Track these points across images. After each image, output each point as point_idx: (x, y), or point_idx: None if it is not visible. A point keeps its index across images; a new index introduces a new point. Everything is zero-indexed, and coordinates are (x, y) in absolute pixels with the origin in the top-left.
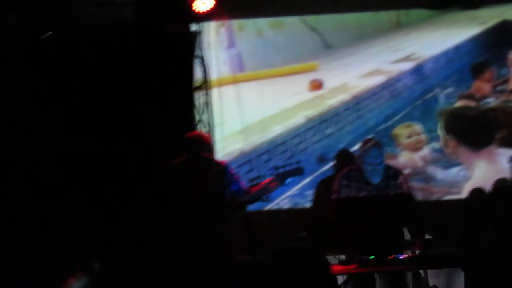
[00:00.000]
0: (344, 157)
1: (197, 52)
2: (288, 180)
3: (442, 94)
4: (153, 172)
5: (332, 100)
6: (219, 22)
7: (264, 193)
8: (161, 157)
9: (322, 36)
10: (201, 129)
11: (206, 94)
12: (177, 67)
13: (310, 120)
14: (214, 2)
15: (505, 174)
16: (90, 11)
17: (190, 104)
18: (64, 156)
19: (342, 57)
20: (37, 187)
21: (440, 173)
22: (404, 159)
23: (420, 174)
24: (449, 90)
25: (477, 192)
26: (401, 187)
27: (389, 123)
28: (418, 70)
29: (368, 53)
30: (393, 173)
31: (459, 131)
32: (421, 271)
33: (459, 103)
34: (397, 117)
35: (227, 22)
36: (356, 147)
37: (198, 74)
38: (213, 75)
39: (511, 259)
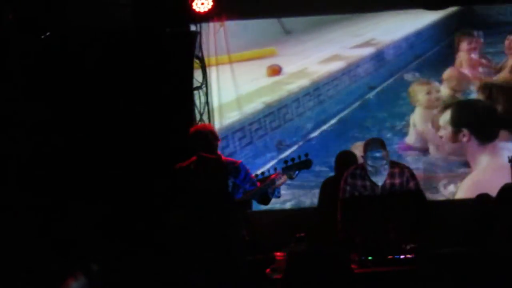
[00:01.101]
0: (344, 159)
1: (196, 52)
2: (296, 173)
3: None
4: (154, 172)
5: (291, 86)
6: (218, 23)
7: (271, 186)
8: (162, 157)
9: (281, 22)
10: None
11: (206, 93)
12: (177, 67)
13: (268, 106)
14: (212, 3)
15: (506, 169)
16: (90, 11)
17: (190, 104)
18: (64, 156)
19: (301, 43)
20: (37, 186)
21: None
22: (418, 116)
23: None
24: (411, 75)
25: (483, 197)
26: (408, 183)
27: (350, 109)
28: (378, 56)
29: (328, 39)
30: (399, 172)
31: (472, 124)
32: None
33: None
34: (358, 103)
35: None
36: (316, 133)
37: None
38: None
39: (510, 260)
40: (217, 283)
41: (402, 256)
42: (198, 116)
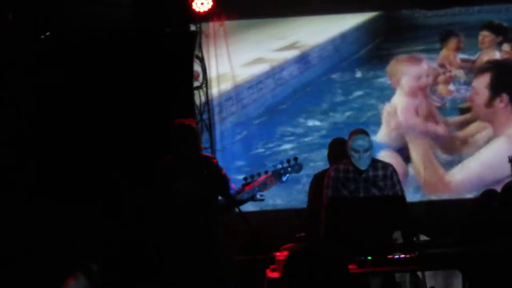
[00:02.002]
0: (335, 145)
1: (196, 52)
2: (285, 177)
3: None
4: (154, 172)
5: (213, 90)
6: (218, 23)
7: (261, 190)
8: (162, 157)
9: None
10: (202, 128)
11: (206, 93)
12: (177, 67)
13: None
14: (212, 3)
15: None
16: (90, 11)
17: (190, 104)
18: (64, 155)
19: (223, 46)
20: (37, 186)
21: None
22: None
23: None
24: (337, 77)
25: (488, 193)
26: (391, 178)
27: (273, 113)
28: (303, 59)
29: (251, 41)
30: (382, 165)
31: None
32: (418, 272)
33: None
34: (283, 107)
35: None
36: (239, 137)
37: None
38: None
39: (510, 259)
40: (201, 283)
41: (401, 256)
42: (198, 116)
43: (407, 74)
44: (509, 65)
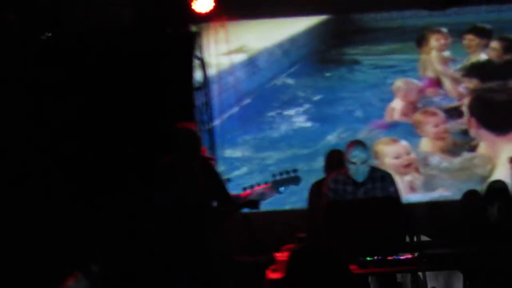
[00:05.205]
0: (332, 157)
1: (196, 53)
2: (282, 188)
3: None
4: (153, 173)
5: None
6: (218, 23)
7: (259, 199)
8: (160, 159)
9: None
10: (201, 128)
11: (206, 94)
12: (177, 68)
13: None
14: (213, 3)
15: None
16: (90, 11)
17: (190, 105)
18: (63, 157)
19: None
20: (37, 187)
21: None
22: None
23: None
24: (290, 81)
25: (471, 194)
26: (388, 189)
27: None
28: (251, 63)
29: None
30: (380, 176)
31: (483, 114)
32: (419, 273)
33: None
34: (228, 113)
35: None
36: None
37: (197, 74)
38: None
39: (510, 259)
40: (195, 284)
41: (401, 257)
42: (198, 117)
43: None
44: (483, 95)
